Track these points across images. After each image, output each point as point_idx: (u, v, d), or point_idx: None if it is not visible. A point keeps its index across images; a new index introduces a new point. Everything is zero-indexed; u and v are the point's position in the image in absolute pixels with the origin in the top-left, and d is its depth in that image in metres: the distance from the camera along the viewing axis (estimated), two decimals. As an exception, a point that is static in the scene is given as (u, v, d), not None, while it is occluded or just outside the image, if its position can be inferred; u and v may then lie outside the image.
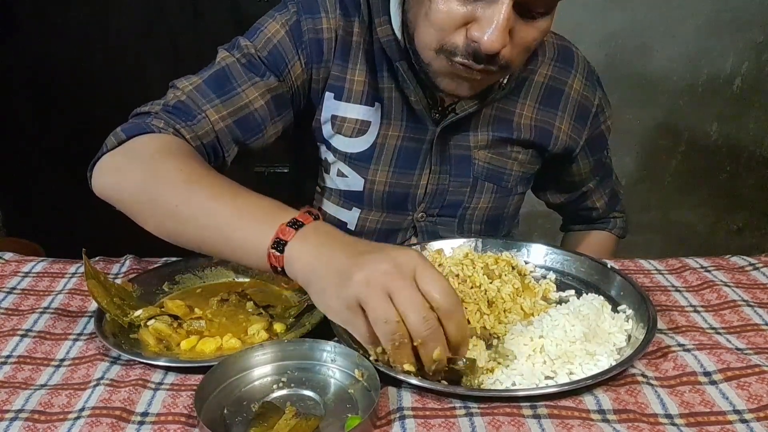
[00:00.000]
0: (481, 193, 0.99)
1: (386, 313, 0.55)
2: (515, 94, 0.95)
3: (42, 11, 1.93)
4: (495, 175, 0.98)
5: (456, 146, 0.95)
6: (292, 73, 0.89)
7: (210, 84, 0.85)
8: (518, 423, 0.56)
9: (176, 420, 0.57)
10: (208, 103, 0.84)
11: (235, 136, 0.86)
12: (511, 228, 1.12)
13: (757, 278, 0.82)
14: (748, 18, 2.00)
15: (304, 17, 0.89)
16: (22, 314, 0.75)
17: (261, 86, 0.86)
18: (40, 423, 0.57)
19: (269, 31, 0.89)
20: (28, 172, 2.14)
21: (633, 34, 2.00)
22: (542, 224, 2.11)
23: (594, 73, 1.01)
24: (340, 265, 0.59)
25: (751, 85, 2.10)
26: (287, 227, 0.63)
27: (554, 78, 0.97)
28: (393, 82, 0.91)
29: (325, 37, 0.89)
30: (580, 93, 0.98)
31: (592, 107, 1.00)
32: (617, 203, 1.17)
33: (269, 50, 0.88)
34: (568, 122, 0.98)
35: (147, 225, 0.75)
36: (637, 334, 0.68)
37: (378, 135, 0.94)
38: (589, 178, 1.09)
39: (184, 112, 0.83)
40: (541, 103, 0.96)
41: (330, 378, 0.63)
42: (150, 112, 0.84)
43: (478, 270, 0.78)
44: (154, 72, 1.98)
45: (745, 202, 2.30)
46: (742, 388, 0.59)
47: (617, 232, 1.19)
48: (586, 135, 1.00)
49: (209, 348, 0.68)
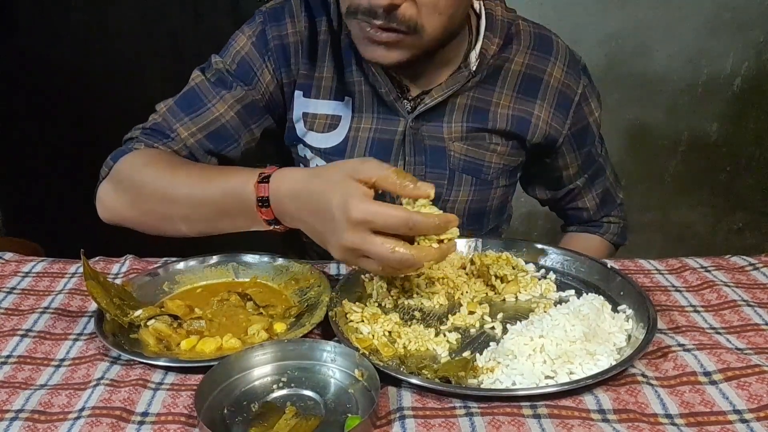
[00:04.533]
0: (459, 185, 0.98)
1: (372, 268, 0.68)
2: (491, 84, 0.94)
3: (42, 11, 1.93)
4: (473, 167, 0.97)
5: (430, 137, 0.95)
6: (262, 80, 0.92)
7: (180, 104, 0.91)
8: (518, 423, 0.56)
9: (176, 420, 0.57)
10: (178, 122, 0.90)
11: (208, 148, 0.91)
12: (500, 223, 1.10)
13: (757, 278, 0.82)
14: (748, 18, 2.00)
15: (269, 25, 0.92)
16: (22, 314, 0.75)
17: (228, 99, 0.91)
18: (40, 423, 0.57)
19: (238, 44, 0.93)
20: (28, 172, 2.14)
21: (633, 34, 2.00)
22: (542, 224, 2.11)
23: (579, 63, 0.98)
24: (315, 228, 0.69)
25: (751, 85, 2.10)
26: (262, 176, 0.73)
27: (532, 66, 0.95)
28: (362, 76, 0.92)
29: (291, 41, 0.92)
30: (560, 81, 0.95)
31: (574, 95, 0.97)
32: (612, 206, 1.11)
33: (237, 62, 0.92)
34: (547, 111, 0.96)
35: (161, 230, 0.83)
36: (637, 334, 0.68)
37: (350, 129, 0.94)
38: (577, 175, 1.05)
39: (159, 132, 0.90)
40: (518, 91, 0.95)
41: (330, 378, 0.63)
42: (132, 137, 0.92)
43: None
44: (154, 72, 1.98)
45: (745, 202, 2.30)
46: (742, 388, 0.59)
47: (610, 238, 1.12)
48: (570, 125, 0.98)
49: (209, 348, 0.68)
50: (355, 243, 0.64)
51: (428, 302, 0.77)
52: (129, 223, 0.86)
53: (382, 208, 0.63)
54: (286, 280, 0.82)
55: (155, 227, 0.84)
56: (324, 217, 0.67)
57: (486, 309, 0.75)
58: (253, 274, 0.84)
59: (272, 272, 0.83)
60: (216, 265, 0.84)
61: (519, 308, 0.77)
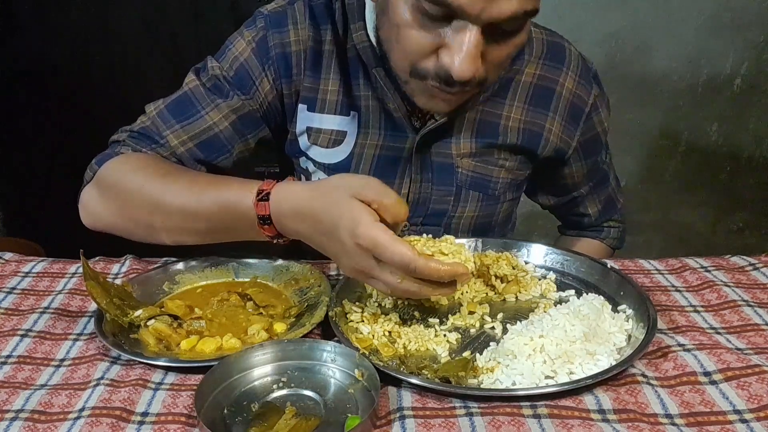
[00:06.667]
0: (466, 201, 0.95)
1: (382, 289, 0.66)
2: (501, 96, 0.91)
3: (42, 11, 1.93)
4: (480, 183, 0.95)
5: (438, 154, 0.92)
6: (261, 90, 0.88)
7: (172, 109, 0.87)
8: (518, 423, 0.56)
9: (176, 420, 0.57)
10: (168, 129, 0.86)
11: (198, 157, 0.88)
12: (505, 233, 1.08)
13: (757, 278, 0.82)
14: (748, 18, 2.00)
15: (271, 32, 0.87)
16: (22, 314, 0.75)
17: (224, 108, 0.87)
18: (40, 423, 0.57)
19: (236, 49, 0.88)
20: (28, 172, 2.14)
21: (633, 34, 2.00)
22: (542, 224, 2.11)
23: (590, 70, 0.96)
24: (323, 247, 0.69)
25: (751, 85, 2.10)
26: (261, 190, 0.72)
27: (543, 77, 0.92)
28: (370, 90, 0.89)
29: (293, 50, 0.88)
30: (572, 92, 0.93)
31: (585, 106, 0.94)
32: (613, 211, 1.11)
33: (235, 70, 0.88)
34: (559, 123, 0.93)
35: (147, 239, 0.81)
36: (637, 334, 0.68)
37: (355, 145, 0.91)
38: (582, 183, 1.04)
39: (147, 137, 0.87)
40: (529, 103, 0.92)
41: (330, 378, 0.63)
42: (119, 140, 0.88)
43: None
44: (154, 72, 1.98)
45: (745, 202, 2.30)
46: (742, 388, 0.59)
47: (609, 243, 1.12)
48: (579, 136, 0.96)
49: (209, 348, 0.68)
50: (364, 268, 0.64)
51: (428, 302, 0.77)
52: (114, 229, 0.83)
53: (389, 243, 0.61)
54: (286, 280, 0.82)
55: (142, 236, 0.82)
56: (332, 238, 0.66)
57: (486, 309, 0.75)
58: (253, 274, 0.84)
59: (272, 272, 0.83)
60: (216, 265, 0.84)
61: (519, 308, 0.77)
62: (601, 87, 0.97)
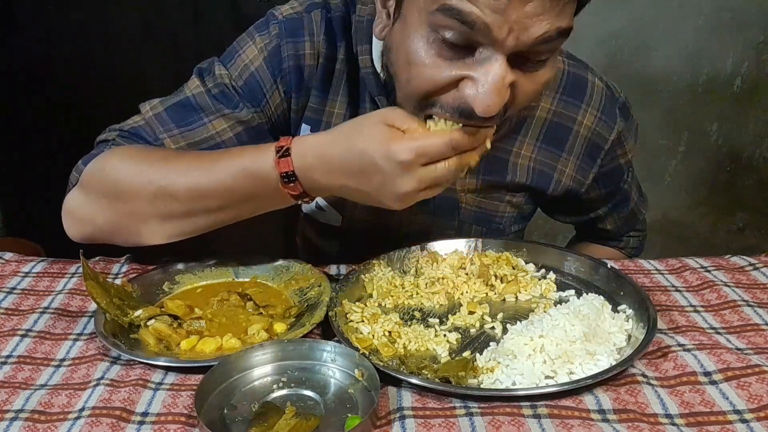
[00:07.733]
0: (468, 235, 0.91)
1: (430, 195, 0.66)
2: (513, 131, 0.86)
3: (42, 11, 1.93)
4: (484, 219, 0.91)
5: None
6: (271, 103, 0.83)
7: (172, 113, 0.82)
8: (518, 423, 0.56)
9: (176, 420, 0.57)
10: (166, 133, 0.81)
11: None
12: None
13: (757, 278, 0.82)
14: (748, 18, 2.00)
15: (285, 41, 0.81)
16: (22, 314, 0.75)
17: (231, 118, 0.81)
18: (40, 423, 0.57)
19: (247, 56, 0.82)
20: (28, 172, 2.14)
21: (633, 34, 2.01)
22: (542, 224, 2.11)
23: (616, 103, 0.89)
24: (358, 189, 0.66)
25: (751, 85, 2.10)
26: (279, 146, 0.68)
27: (560, 113, 0.86)
28: None
29: (307, 63, 0.82)
30: (591, 129, 0.87)
31: (604, 144, 0.89)
32: (635, 223, 1.07)
33: (245, 79, 0.82)
34: (573, 163, 0.88)
35: (140, 237, 0.77)
36: (637, 334, 0.68)
37: None
38: (600, 206, 0.99)
39: (140, 137, 0.82)
40: (542, 141, 0.87)
41: (330, 378, 0.63)
42: (107, 139, 0.83)
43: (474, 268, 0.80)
44: (154, 72, 1.98)
45: (745, 202, 2.30)
46: (742, 388, 0.59)
47: (628, 252, 1.10)
48: (595, 172, 0.91)
49: (209, 348, 0.68)
50: (413, 185, 0.63)
51: (428, 302, 0.77)
52: (102, 233, 0.78)
53: (423, 140, 0.62)
54: (286, 280, 0.82)
55: (134, 234, 0.76)
56: (368, 173, 0.64)
57: (486, 309, 0.75)
58: (253, 274, 0.84)
59: (272, 272, 0.83)
60: (216, 265, 0.84)
61: (519, 308, 0.77)
62: (627, 117, 0.92)
